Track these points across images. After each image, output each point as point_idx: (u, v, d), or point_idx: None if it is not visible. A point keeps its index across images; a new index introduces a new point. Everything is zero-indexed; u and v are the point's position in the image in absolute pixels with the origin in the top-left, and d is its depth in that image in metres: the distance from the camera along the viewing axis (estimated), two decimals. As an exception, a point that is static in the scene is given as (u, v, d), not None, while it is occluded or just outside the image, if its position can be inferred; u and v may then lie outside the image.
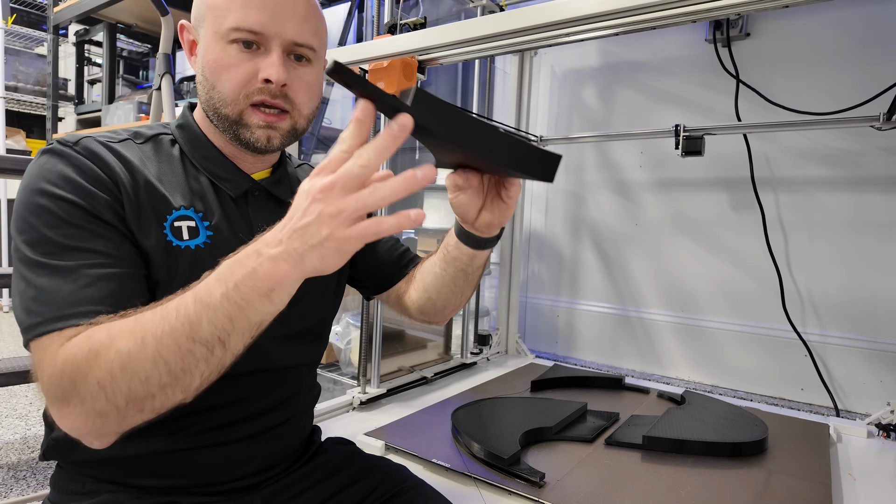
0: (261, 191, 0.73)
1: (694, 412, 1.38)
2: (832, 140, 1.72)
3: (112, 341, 0.49)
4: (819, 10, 1.72)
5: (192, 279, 0.57)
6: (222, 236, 0.67)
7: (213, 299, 0.48)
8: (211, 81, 0.65)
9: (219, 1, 0.65)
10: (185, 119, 0.72)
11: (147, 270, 0.61)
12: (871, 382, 1.68)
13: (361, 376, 1.50)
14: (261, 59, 0.65)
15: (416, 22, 1.41)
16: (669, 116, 1.96)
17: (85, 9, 2.39)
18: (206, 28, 0.66)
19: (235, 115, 0.65)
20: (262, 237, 0.48)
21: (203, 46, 0.66)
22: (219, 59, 0.64)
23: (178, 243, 0.63)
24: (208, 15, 0.65)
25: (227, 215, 0.69)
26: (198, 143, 0.70)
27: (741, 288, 1.88)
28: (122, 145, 0.65)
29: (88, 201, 0.58)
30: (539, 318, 2.34)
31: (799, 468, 1.15)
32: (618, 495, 1.00)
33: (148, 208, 0.62)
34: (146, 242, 0.61)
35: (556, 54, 2.23)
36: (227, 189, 0.69)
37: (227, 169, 0.70)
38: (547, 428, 1.24)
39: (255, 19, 0.63)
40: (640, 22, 1.04)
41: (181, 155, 0.69)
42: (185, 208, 0.65)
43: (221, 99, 0.65)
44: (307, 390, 0.81)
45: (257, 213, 0.72)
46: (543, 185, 2.29)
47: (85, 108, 2.83)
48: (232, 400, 0.68)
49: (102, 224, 0.58)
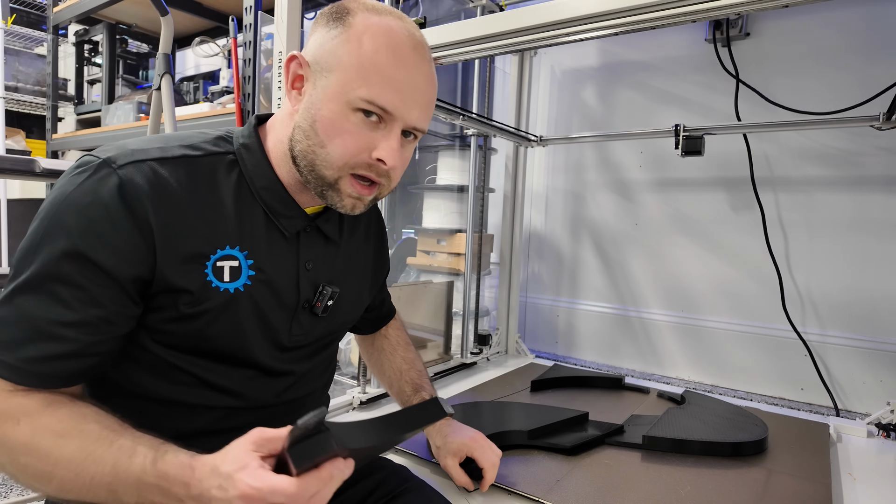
0: (312, 227, 0.72)
1: (694, 412, 1.38)
2: (832, 140, 1.72)
3: (27, 451, 0.53)
4: (819, 10, 1.72)
5: (225, 320, 0.63)
6: (264, 276, 0.66)
7: (125, 499, 0.52)
8: (321, 138, 0.63)
9: (352, 62, 0.62)
10: (251, 139, 0.68)
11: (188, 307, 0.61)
12: (871, 382, 1.68)
13: (361, 376, 1.51)
14: (379, 134, 0.64)
15: (416, 22, 1.40)
16: (669, 116, 1.96)
17: (85, 9, 2.39)
18: (332, 81, 0.63)
19: (333, 179, 0.64)
20: (191, 484, 0.51)
21: (321, 97, 0.63)
22: (338, 122, 0.62)
23: (218, 284, 0.62)
24: (336, 70, 0.63)
25: (275, 252, 0.67)
26: (261, 170, 0.67)
27: (741, 288, 1.88)
28: (174, 167, 0.61)
29: (108, 264, 0.56)
30: (539, 318, 2.34)
31: (799, 468, 1.15)
32: (618, 495, 1.00)
33: (188, 250, 0.61)
34: (183, 283, 0.60)
35: (555, 54, 2.23)
36: (281, 226, 0.68)
37: (285, 204, 0.68)
38: (519, 432, 1.17)
39: (390, 100, 0.62)
40: (640, 22, 1.04)
41: (239, 179, 0.66)
42: (230, 247, 0.64)
43: (327, 160, 0.63)
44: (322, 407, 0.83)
45: (307, 250, 0.71)
46: (543, 185, 2.29)
47: (85, 108, 2.83)
48: (247, 424, 0.68)
49: (111, 286, 0.57)
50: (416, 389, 0.97)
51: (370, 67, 0.62)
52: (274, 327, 0.68)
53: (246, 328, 0.65)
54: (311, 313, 0.72)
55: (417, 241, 2.13)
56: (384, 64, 0.62)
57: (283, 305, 0.68)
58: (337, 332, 0.80)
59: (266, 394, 0.70)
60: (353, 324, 0.86)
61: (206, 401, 0.66)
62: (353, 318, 0.83)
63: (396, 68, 0.63)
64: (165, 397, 0.64)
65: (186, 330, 0.62)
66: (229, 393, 0.66)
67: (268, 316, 0.67)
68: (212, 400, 0.66)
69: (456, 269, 2.01)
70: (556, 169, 2.27)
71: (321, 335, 0.75)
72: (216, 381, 0.65)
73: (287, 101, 0.67)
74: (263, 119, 0.71)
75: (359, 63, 0.62)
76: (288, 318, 0.69)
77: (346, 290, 0.76)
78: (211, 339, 0.63)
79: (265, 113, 0.72)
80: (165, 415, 0.65)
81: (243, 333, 0.65)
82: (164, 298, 0.61)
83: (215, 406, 0.66)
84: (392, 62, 0.62)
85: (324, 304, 0.72)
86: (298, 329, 0.71)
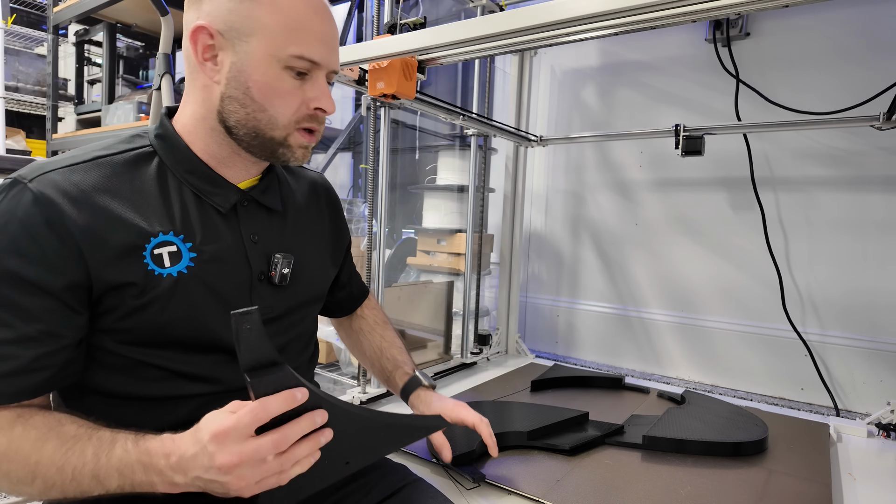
0: (250, 201, 0.72)
1: (694, 412, 1.38)
2: (832, 140, 1.72)
3: (6, 458, 0.55)
4: (819, 10, 1.72)
5: (176, 305, 0.63)
6: (207, 255, 0.66)
7: (108, 484, 0.54)
8: (260, 103, 0.65)
9: (273, 23, 0.64)
10: (164, 128, 0.69)
11: (135, 299, 0.62)
12: (871, 382, 1.68)
13: (361, 376, 1.51)
14: (308, 85, 0.67)
15: (416, 22, 1.40)
16: (669, 116, 1.96)
17: (85, 9, 2.40)
18: (255, 45, 0.64)
19: (282, 137, 0.67)
20: (171, 453, 0.54)
21: (248, 63, 0.64)
22: (274, 84, 0.65)
23: (161, 271, 0.63)
24: (258, 33, 0.63)
25: (213, 231, 0.67)
26: (180, 155, 0.68)
27: (741, 288, 1.88)
28: (87, 171, 0.62)
29: (35, 278, 0.57)
30: (539, 318, 2.34)
31: (799, 468, 1.15)
32: (618, 495, 1.00)
33: (121, 245, 0.61)
34: (127, 278, 0.61)
35: (556, 54, 2.23)
36: (214, 204, 0.68)
37: (213, 182, 0.69)
38: (519, 432, 1.18)
39: (318, 52, 0.66)
40: (640, 22, 1.04)
41: (159, 168, 0.67)
42: (163, 234, 0.64)
43: (271, 122, 0.66)
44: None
45: (248, 224, 0.71)
46: (543, 185, 2.29)
47: (85, 108, 2.83)
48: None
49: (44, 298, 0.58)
50: (396, 366, 0.99)
51: (295, 25, 0.64)
52: (232, 305, 0.67)
53: (203, 310, 0.65)
54: (271, 284, 0.72)
55: (417, 241, 2.13)
56: (306, 19, 0.65)
57: (235, 281, 0.68)
58: (307, 307, 0.79)
59: (235, 377, 0.68)
60: (322, 295, 0.84)
61: (182, 391, 0.65)
62: (320, 289, 0.82)
63: (316, 20, 0.66)
64: (143, 395, 0.64)
65: (143, 323, 0.62)
66: (204, 380, 0.66)
67: (221, 294, 0.67)
68: (188, 389, 0.65)
69: (456, 269, 2.01)
70: (556, 169, 2.27)
71: (290, 308, 0.74)
72: (188, 371, 0.65)
73: (199, 75, 0.66)
74: (174, 110, 0.72)
75: (283, 22, 0.64)
76: (245, 293, 0.69)
77: (305, 260, 0.76)
78: (169, 326, 0.63)
79: (174, 105, 0.73)
80: (146, 411, 0.64)
81: (202, 315, 0.65)
82: (111, 298, 0.61)
83: (193, 395, 0.66)
84: (312, 15, 0.66)
85: (278, 272, 0.72)
86: (261, 302, 0.70)
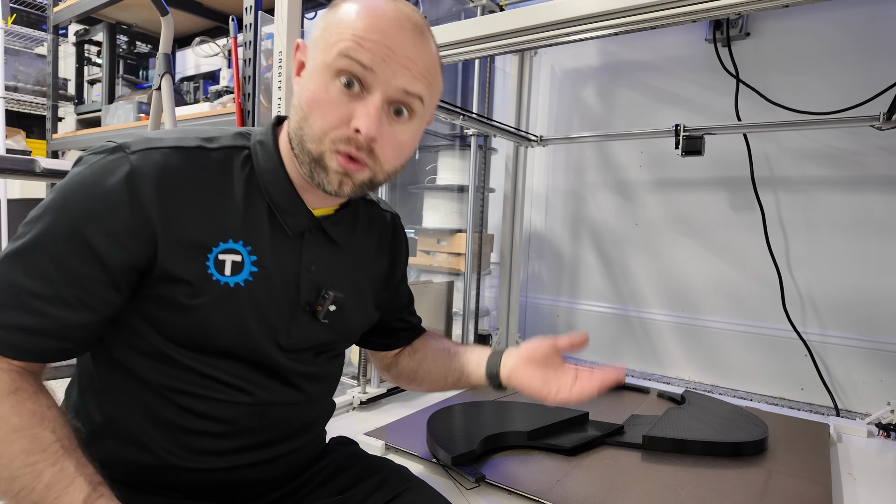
0: (318, 230, 0.71)
1: (694, 412, 1.38)
2: (832, 140, 1.72)
3: None
4: (819, 10, 1.72)
5: (223, 315, 0.63)
6: (266, 272, 0.65)
7: None
8: (305, 112, 0.62)
9: (331, 25, 0.61)
10: (267, 136, 0.68)
11: (186, 298, 0.61)
12: (871, 382, 1.68)
13: (361, 376, 1.51)
14: (357, 104, 0.60)
15: (416, 22, 1.40)
16: (669, 116, 1.96)
17: (85, 9, 2.39)
18: (317, 54, 0.62)
19: (317, 154, 0.62)
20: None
21: (307, 73, 0.63)
22: (319, 93, 0.60)
23: (219, 278, 0.62)
24: (319, 41, 0.62)
25: (277, 250, 0.67)
26: (270, 165, 0.67)
27: (741, 288, 1.88)
28: (187, 158, 0.61)
29: (101, 247, 0.56)
30: (539, 318, 2.34)
31: (799, 468, 1.15)
32: (618, 495, 1.00)
33: (191, 241, 0.61)
34: (184, 274, 0.60)
35: (556, 54, 2.23)
36: (285, 223, 0.67)
37: (291, 201, 0.67)
38: (519, 432, 1.17)
39: (367, 55, 0.59)
40: (640, 22, 1.04)
41: (249, 174, 0.66)
42: (233, 241, 0.63)
43: (310, 133, 0.62)
44: (326, 411, 0.83)
45: (310, 251, 0.70)
46: (543, 185, 2.29)
47: (85, 108, 2.83)
48: (254, 427, 0.69)
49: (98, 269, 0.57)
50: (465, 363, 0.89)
51: (346, 26, 0.60)
52: (272, 326, 0.67)
53: (246, 323, 0.65)
54: (313, 317, 0.71)
55: (417, 240, 2.13)
56: (363, 22, 0.60)
57: (282, 304, 0.68)
58: (340, 343, 0.78)
59: (267, 393, 0.69)
60: (357, 336, 0.84)
61: (211, 393, 0.65)
62: (358, 329, 0.81)
63: (376, 24, 0.60)
64: (169, 386, 0.64)
65: (186, 321, 0.62)
66: (236, 389, 0.66)
67: (265, 314, 0.66)
68: (216, 392, 0.65)
69: (456, 269, 2.01)
70: (556, 169, 2.27)
71: (323, 341, 0.73)
72: (219, 376, 0.65)
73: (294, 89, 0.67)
74: (284, 119, 0.71)
75: (336, 25, 0.61)
76: (287, 319, 0.68)
77: (350, 298, 0.75)
78: (210, 333, 0.63)
79: (286, 115, 0.72)
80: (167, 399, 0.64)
81: (244, 328, 0.64)
82: (164, 288, 0.60)
83: (220, 399, 0.65)
84: (371, 20, 0.60)
85: (325, 308, 0.71)
86: (298, 331, 0.70)
